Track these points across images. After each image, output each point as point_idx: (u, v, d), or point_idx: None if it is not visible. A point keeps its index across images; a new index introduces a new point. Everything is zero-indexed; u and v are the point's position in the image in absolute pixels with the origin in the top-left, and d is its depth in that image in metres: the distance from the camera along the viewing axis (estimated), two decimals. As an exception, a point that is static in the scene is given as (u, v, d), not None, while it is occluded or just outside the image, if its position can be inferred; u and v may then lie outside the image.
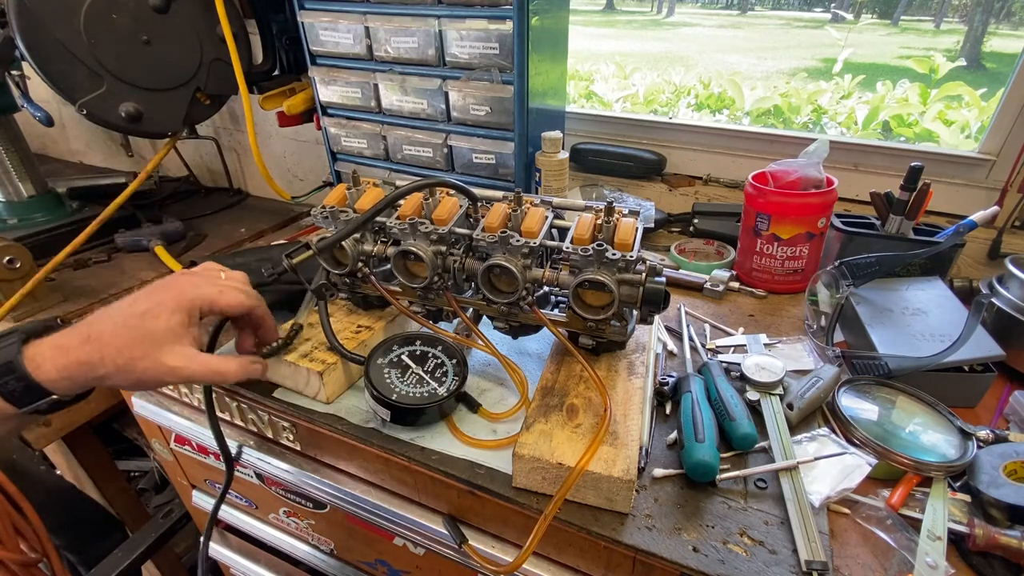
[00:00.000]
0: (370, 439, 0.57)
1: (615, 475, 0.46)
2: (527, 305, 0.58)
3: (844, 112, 1.36)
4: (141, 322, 0.46)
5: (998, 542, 0.45)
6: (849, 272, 0.70)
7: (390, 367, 0.58)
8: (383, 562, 0.75)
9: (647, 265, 0.54)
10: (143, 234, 1.15)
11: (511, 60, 0.86)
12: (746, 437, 0.53)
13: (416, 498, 0.61)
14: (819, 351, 0.68)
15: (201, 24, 1.04)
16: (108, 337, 0.45)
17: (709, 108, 1.49)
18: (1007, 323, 0.67)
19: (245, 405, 0.66)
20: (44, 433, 0.90)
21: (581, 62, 1.59)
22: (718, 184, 1.07)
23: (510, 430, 0.56)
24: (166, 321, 0.46)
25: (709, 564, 0.45)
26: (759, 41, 2.89)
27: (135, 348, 0.45)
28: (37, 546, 0.86)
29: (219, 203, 1.42)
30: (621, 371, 0.59)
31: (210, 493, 0.90)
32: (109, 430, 1.29)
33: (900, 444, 0.54)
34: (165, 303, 0.47)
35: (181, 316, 0.47)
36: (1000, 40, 1.38)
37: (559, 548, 0.53)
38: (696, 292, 0.85)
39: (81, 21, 0.92)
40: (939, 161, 0.93)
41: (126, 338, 0.45)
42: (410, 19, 0.91)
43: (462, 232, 0.59)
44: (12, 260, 0.88)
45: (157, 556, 1.08)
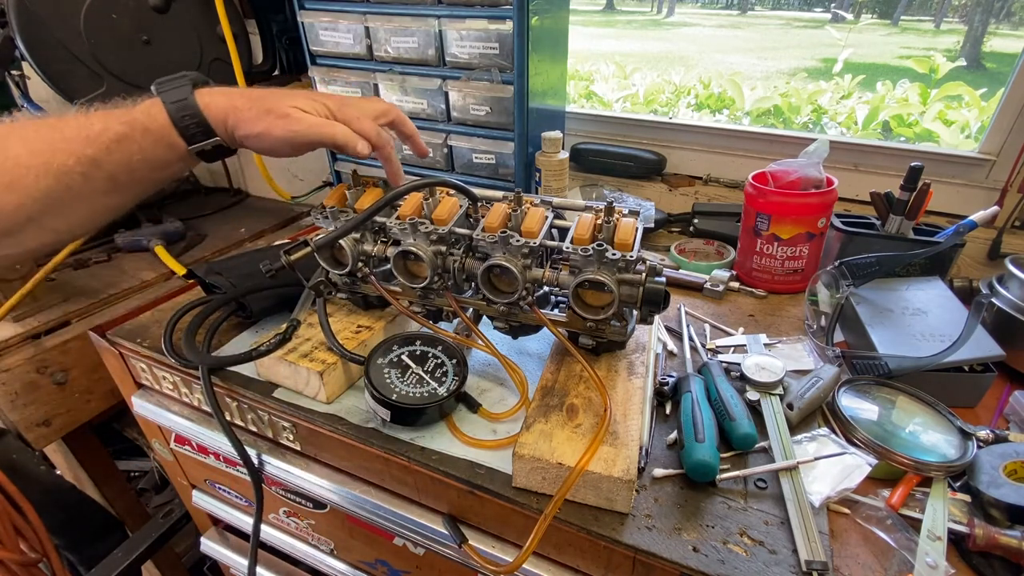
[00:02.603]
0: (370, 439, 0.57)
1: (615, 475, 0.46)
2: (527, 305, 0.58)
3: (844, 112, 1.36)
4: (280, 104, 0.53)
5: (998, 542, 0.45)
6: (849, 272, 0.70)
7: (390, 367, 0.58)
8: (383, 562, 0.75)
9: (647, 265, 0.54)
10: (143, 234, 1.15)
11: (511, 60, 0.86)
12: (746, 437, 0.53)
13: (416, 498, 0.61)
14: (819, 351, 0.68)
15: (201, 24, 1.04)
16: (257, 94, 0.53)
17: (709, 108, 1.49)
18: (1007, 323, 0.67)
19: (245, 405, 0.66)
20: (44, 433, 0.90)
21: (581, 62, 1.59)
22: (718, 184, 1.07)
23: (510, 430, 0.56)
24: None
25: (709, 564, 0.45)
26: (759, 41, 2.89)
27: (275, 104, 0.52)
28: (37, 546, 0.86)
29: (219, 203, 1.42)
30: (621, 371, 0.59)
31: (210, 493, 0.90)
32: (109, 430, 1.29)
33: (900, 444, 0.54)
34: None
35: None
36: (1000, 40, 1.38)
37: (559, 548, 0.53)
38: (696, 292, 0.85)
39: (81, 21, 0.92)
40: (939, 161, 0.93)
41: (271, 100, 0.53)
42: (410, 19, 0.91)
43: (462, 232, 0.59)
44: (12, 260, 0.88)
45: (157, 556, 1.08)
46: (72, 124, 0.47)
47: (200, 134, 0.50)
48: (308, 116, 0.53)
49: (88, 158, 0.46)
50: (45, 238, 0.49)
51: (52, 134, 0.46)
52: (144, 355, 0.73)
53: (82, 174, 0.46)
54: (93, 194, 0.48)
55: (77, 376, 0.92)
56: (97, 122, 0.47)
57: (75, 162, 0.46)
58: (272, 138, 0.52)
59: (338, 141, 0.53)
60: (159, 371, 0.74)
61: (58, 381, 0.90)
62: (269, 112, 0.51)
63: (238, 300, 0.72)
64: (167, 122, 0.49)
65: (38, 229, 0.48)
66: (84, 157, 0.46)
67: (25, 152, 0.45)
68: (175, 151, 0.50)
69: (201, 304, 0.70)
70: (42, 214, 0.47)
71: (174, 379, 0.73)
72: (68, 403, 0.92)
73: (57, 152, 0.46)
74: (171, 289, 0.91)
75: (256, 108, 0.51)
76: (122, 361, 0.78)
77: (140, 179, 0.50)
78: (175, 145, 0.50)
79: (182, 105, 0.49)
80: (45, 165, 0.45)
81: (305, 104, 0.53)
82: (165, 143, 0.49)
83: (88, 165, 0.46)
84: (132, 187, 0.51)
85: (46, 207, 0.46)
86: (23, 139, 0.45)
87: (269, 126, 0.51)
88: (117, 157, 0.48)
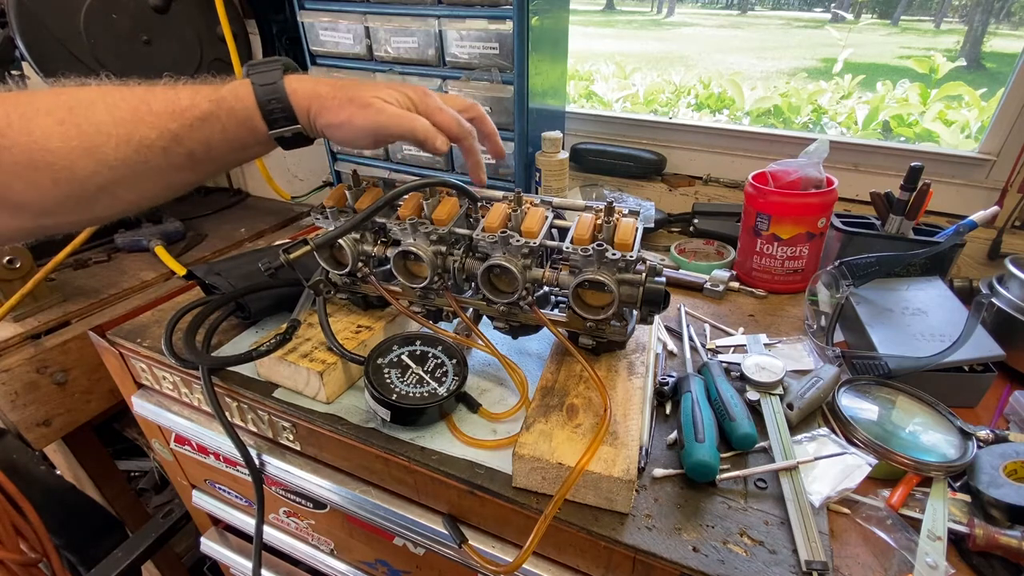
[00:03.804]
0: (370, 439, 0.57)
1: (615, 475, 0.46)
2: (527, 305, 0.58)
3: (844, 112, 1.36)
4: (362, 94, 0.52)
5: (998, 542, 0.45)
6: (849, 272, 0.70)
7: (390, 367, 0.58)
8: (383, 562, 0.75)
9: (647, 265, 0.54)
10: (143, 234, 1.15)
11: (511, 60, 0.86)
12: (746, 437, 0.53)
13: (416, 498, 0.61)
14: (819, 351, 0.68)
15: (201, 24, 1.04)
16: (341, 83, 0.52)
17: (709, 108, 1.49)
18: (1007, 323, 0.67)
19: (245, 405, 0.66)
20: (44, 433, 0.90)
21: (581, 62, 1.59)
22: (718, 184, 1.07)
23: (510, 430, 0.56)
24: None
25: (709, 564, 0.45)
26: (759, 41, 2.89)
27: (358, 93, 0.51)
28: (37, 546, 0.86)
29: (219, 203, 1.42)
30: (621, 371, 0.59)
31: (210, 493, 0.90)
32: (109, 430, 1.29)
33: (900, 444, 0.54)
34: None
35: None
36: (1000, 40, 1.38)
37: (559, 548, 0.53)
38: (696, 292, 0.85)
39: (81, 21, 0.92)
40: (939, 161, 0.93)
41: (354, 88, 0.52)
42: (410, 19, 0.91)
43: (462, 232, 0.59)
44: (12, 260, 0.88)
45: (157, 556, 1.08)
46: (160, 96, 0.46)
47: (283, 119, 0.50)
48: (390, 107, 0.52)
49: (171, 133, 0.46)
50: (114, 208, 0.49)
51: (139, 105, 0.45)
52: (144, 355, 0.73)
53: (163, 148, 0.46)
54: (169, 169, 0.48)
55: (77, 376, 0.92)
56: (185, 97, 0.47)
57: (157, 136, 0.45)
58: (354, 128, 0.51)
59: (418, 135, 0.52)
60: (159, 371, 0.74)
61: (58, 381, 0.90)
62: (352, 101, 0.51)
63: (237, 300, 0.72)
64: (253, 104, 0.49)
65: (109, 198, 0.47)
66: (167, 131, 0.46)
67: (109, 120, 0.44)
68: (255, 135, 0.50)
69: (201, 305, 0.70)
70: (115, 184, 0.46)
71: (174, 379, 0.73)
72: (68, 403, 0.92)
73: (141, 124, 0.45)
74: (171, 289, 0.91)
75: (339, 97, 0.51)
76: (122, 361, 0.78)
77: (216, 158, 0.50)
78: (256, 129, 0.50)
79: (271, 89, 0.49)
80: (127, 135, 0.45)
81: (388, 94, 0.52)
82: (247, 126, 0.49)
83: (169, 140, 0.46)
84: (207, 165, 0.50)
85: (121, 177, 0.46)
86: (109, 107, 0.45)
87: (351, 115, 0.50)
88: (199, 135, 0.47)
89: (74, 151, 0.43)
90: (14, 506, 0.84)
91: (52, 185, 0.44)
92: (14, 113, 0.42)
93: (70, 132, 0.43)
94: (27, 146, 0.42)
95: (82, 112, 0.44)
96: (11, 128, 0.42)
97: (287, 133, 0.51)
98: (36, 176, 0.43)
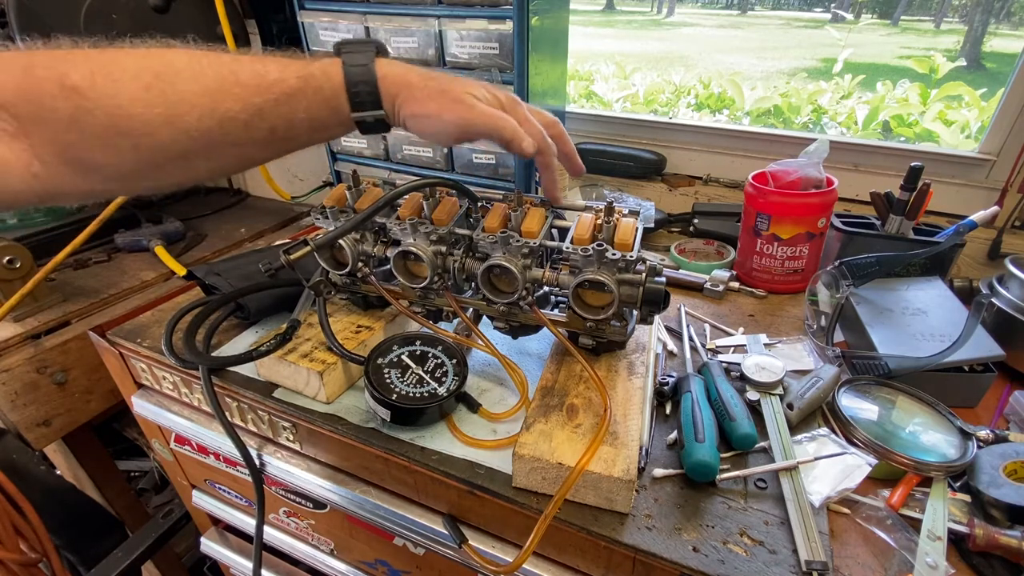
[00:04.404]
0: (370, 439, 0.57)
1: (615, 475, 0.46)
2: (527, 305, 0.58)
3: (844, 112, 1.36)
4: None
5: (998, 542, 0.45)
6: (849, 272, 0.70)
7: (390, 367, 0.58)
8: (383, 562, 0.75)
9: (647, 265, 0.54)
10: (143, 234, 1.15)
11: (511, 60, 0.86)
12: (746, 437, 0.53)
13: (416, 498, 0.61)
14: (819, 351, 0.68)
15: (201, 24, 1.04)
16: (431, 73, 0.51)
17: (709, 108, 1.49)
18: (1007, 323, 0.67)
19: (245, 405, 0.66)
20: (44, 433, 0.90)
21: (581, 62, 1.59)
22: (718, 184, 1.07)
23: (510, 430, 0.56)
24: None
25: (709, 564, 0.45)
26: (759, 41, 2.89)
27: (449, 86, 0.50)
28: (37, 546, 0.86)
29: (219, 203, 1.42)
30: (621, 371, 0.59)
31: (210, 493, 0.90)
32: (109, 430, 1.29)
33: (900, 444, 0.54)
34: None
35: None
36: (1000, 40, 1.38)
37: (559, 548, 0.53)
38: (696, 292, 0.85)
39: (81, 21, 0.92)
40: (939, 161, 0.93)
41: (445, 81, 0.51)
42: (410, 19, 0.91)
43: (462, 232, 0.59)
44: (12, 260, 0.88)
45: (157, 556, 1.08)
46: (248, 68, 0.45)
47: (369, 103, 0.49)
48: (481, 104, 0.50)
49: (255, 107, 0.45)
50: (186, 176, 0.48)
51: (227, 75, 0.44)
52: (144, 355, 0.73)
53: (245, 122, 0.45)
54: (248, 143, 0.47)
55: (77, 376, 0.92)
56: (274, 71, 0.46)
57: (241, 108, 0.44)
58: (442, 121, 0.49)
59: (506, 135, 0.51)
60: (159, 371, 0.74)
61: (58, 381, 0.90)
62: (443, 94, 0.49)
63: (236, 301, 0.72)
64: (341, 84, 0.47)
65: (184, 167, 0.46)
66: (251, 105, 0.45)
67: (196, 89, 0.43)
68: (338, 116, 0.49)
69: (200, 306, 0.70)
70: (194, 154, 0.45)
71: (174, 379, 0.73)
72: (68, 403, 0.92)
73: (227, 95, 0.44)
74: (171, 289, 0.91)
75: (430, 88, 0.49)
76: (122, 361, 0.78)
77: (295, 136, 0.49)
78: (340, 110, 0.48)
79: (362, 71, 0.48)
80: (212, 107, 0.43)
81: (479, 92, 0.51)
82: (331, 105, 0.48)
83: (253, 114, 0.45)
84: (285, 143, 0.49)
85: (200, 148, 0.45)
86: (196, 75, 0.43)
87: (441, 108, 0.49)
88: (283, 111, 0.46)
89: (157, 118, 0.42)
90: (14, 506, 0.84)
91: (131, 151, 0.43)
92: (100, 74, 0.41)
93: (155, 99, 0.42)
94: (111, 110, 0.41)
95: (169, 79, 0.42)
96: (95, 90, 0.40)
97: (369, 118, 0.49)
98: (116, 140, 0.42)
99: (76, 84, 0.40)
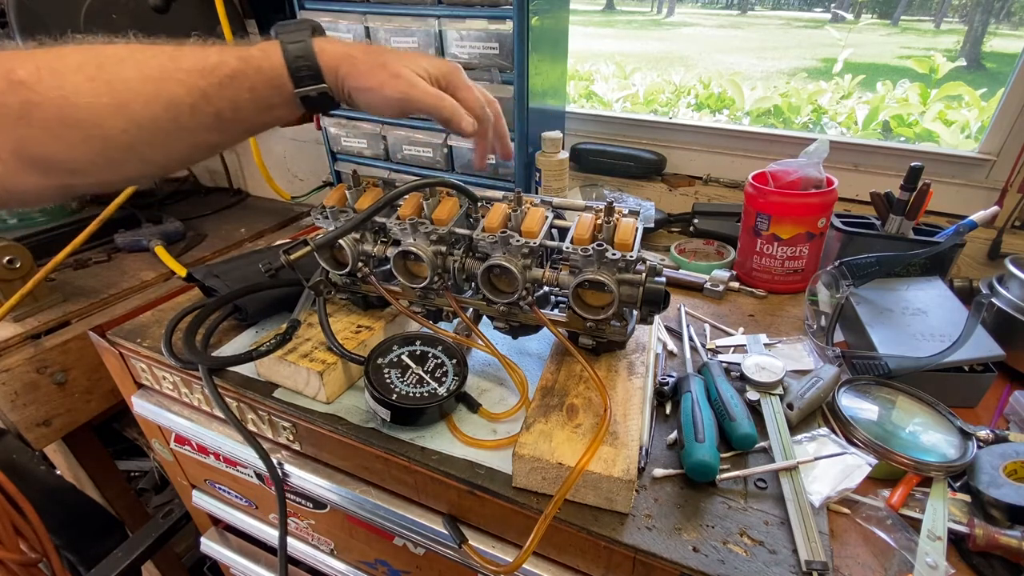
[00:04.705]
0: (370, 439, 0.57)
1: (615, 475, 0.46)
2: (527, 305, 0.58)
3: (844, 112, 1.36)
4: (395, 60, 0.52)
5: (998, 542, 0.45)
6: (849, 272, 0.70)
7: (390, 367, 0.58)
8: (383, 562, 0.75)
9: (647, 265, 0.54)
10: (143, 234, 1.15)
11: (511, 60, 0.86)
12: (746, 437, 0.53)
13: (416, 498, 0.61)
14: (819, 351, 0.68)
15: (201, 24, 1.04)
16: (373, 48, 0.53)
17: (709, 108, 1.49)
18: (1007, 323, 0.67)
19: (245, 405, 0.66)
20: (44, 433, 0.90)
21: (581, 62, 1.59)
22: (718, 184, 1.07)
23: (510, 430, 0.56)
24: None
25: (709, 564, 0.45)
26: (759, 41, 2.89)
27: (390, 59, 0.51)
28: (37, 546, 0.86)
29: (219, 203, 1.42)
30: (621, 371, 0.59)
31: (210, 493, 0.90)
32: (109, 430, 1.29)
33: (900, 444, 0.54)
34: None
35: None
36: (1000, 40, 1.38)
37: (559, 548, 0.53)
38: (696, 292, 0.85)
39: (81, 21, 0.92)
40: (939, 161, 0.93)
41: (386, 55, 0.52)
42: (410, 19, 0.91)
43: (462, 232, 0.59)
44: (12, 260, 0.88)
45: (157, 556, 1.08)
46: (189, 55, 0.46)
47: (309, 78, 0.49)
48: (421, 81, 0.51)
49: (199, 90, 0.46)
50: (142, 169, 0.49)
51: (168, 62, 0.45)
52: (144, 355, 0.73)
53: (191, 106, 0.46)
54: (197, 129, 0.47)
55: (77, 376, 0.92)
56: (213, 55, 0.47)
57: (186, 92, 0.45)
58: (382, 96, 0.51)
59: (444, 114, 0.52)
60: (159, 371, 0.74)
61: (58, 381, 0.90)
62: (383, 67, 0.50)
63: (234, 303, 0.72)
64: (281, 62, 0.48)
65: (137, 158, 0.47)
66: (196, 89, 0.45)
67: (138, 76, 0.44)
68: (282, 94, 0.50)
69: (197, 309, 0.70)
70: (144, 144, 0.46)
71: (174, 379, 0.73)
72: (68, 403, 0.92)
73: (170, 80, 0.45)
74: (171, 289, 0.91)
75: (370, 61, 0.50)
76: (122, 361, 0.78)
77: (243, 119, 0.50)
78: (283, 87, 0.49)
79: (299, 47, 0.49)
80: (156, 92, 0.44)
81: (418, 66, 0.52)
82: (274, 84, 0.49)
83: (198, 97, 0.46)
84: (234, 126, 0.50)
85: (150, 136, 0.46)
86: (138, 63, 0.44)
87: (382, 83, 0.50)
88: (228, 93, 0.47)
89: (104, 108, 0.43)
90: (14, 506, 0.84)
91: (82, 142, 0.43)
92: (44, 68, 0.42)
93: (100, 88, 0.43)
94: (57, 102, 0.42)
95: (112, 68, 0.43)
96: (41, 83, 0.41)
97: (313, 92, 0.50)
98: (66, 133, 0.43)
99: (23, 79, 0.41)
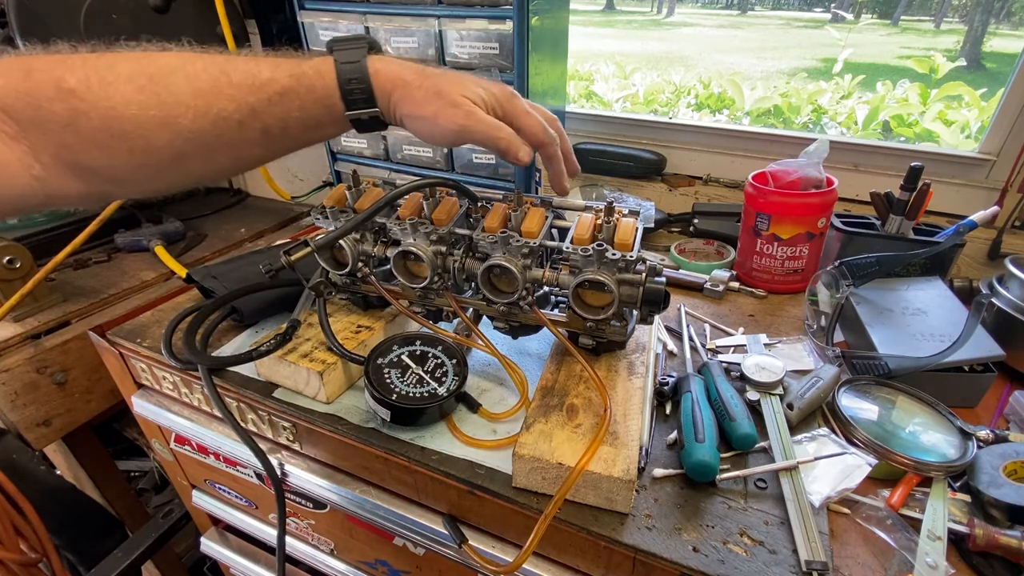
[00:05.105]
0: (370, 439, 0.57)
1: (615, 475, 0.46)
2: (527, 305, 0.58)
3: (844, 112, 1.36)
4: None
5: (998, 542, 0.45)
6: (849, 272, 0.70)
7: (390, 367, 0.58)
8: (383, 562, 0.75)
9: (647, 265, 0.54)
10: (143, 234, 1.15)
11: (511, 60, 0.86)
12: (746, 437, 0.53)
13: (416, 498, 0.61)
14: (819, 351, 0.68)
15: (201, 24, 1.04)
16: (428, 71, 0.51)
17: (709, 108, 1.49)
18: (1007, 323, 0.67)
19: (245, 405, 0.66)
20: (44, 433, 0.90)
21: (581, 62, 1.59)
22: (718, 184, 1.07)
23: (510, 430, 0.56)
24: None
25: (709, 564, 0.45)
26: (759, 41, 2.89)
27: (446, 87, 0.50)
28: (37, 546, 0.86)
29: (219, 203, 1.42)
30: (621, 371, 0.59)
31: (210, 493, 0.90)
32: (109, 430, 1.29)
33: (900, 444, 0.54)
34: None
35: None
36: (1000, 40, 1.38)
37: (559, 548, 0.53)
38: (696, 292, 0.85)
39: (81, 21, 0.92)
40: (939, 161, 0.93)
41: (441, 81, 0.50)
42: (410, 19, 0.91)
43: (462, 232, 0.59)
44: (12, 260, 0.88)
45: (157, 556, 1.08)
46: (241, 68, 0.45)
47: (361, 101, 0.48)
48: (479, 111, 0.50)
49: (249, 107, 0.45)
50: (182, 179, 0.48)
51: (220, 76, 0.44)
52: (144, 355, 0.73)
53: (239, 122, 0.45)
54: (243, 143, 0.47)
55: (77, 376, 0.92)
56: (266, 70, 0.46)
57: (235, 108, 0.45)
58: (438, 125, 0.49)
59: (502, 146, 0.51)
60: (159, 371, 0.74)
61: (58, 381, 0.90)
62: (439, 95, 0.48)
63: (231, 304, 0.71)
64: (334, 83, 0.47)
65: (180, 169, 0.46)
66: (245, 105, 0.45)
67: (188, 90, 0.43)
68: (332, 114, 0.49)
69: (194, 311, 0.70)
70: (188, 156, 0.45)
71: (174, 379, 0.73)
72: (68, 403, 0.92)
73: (220, 96, 0.44)
74: (171, 289, 0.91)
75: (426, 87, 0.49)
76: (122, 361, 0.78)
77: (290, 135, 0.49)
78: (334, 108, 0.48)
79: (353, 68, 0.47)
80: (205, 107, 0.44)
81: (475, 94, 0.50)
82: (325, 104, 0.48)
83: (246, 114, 0.45)
84: (281, 142, 0.49)
85: (194, 149, 0.45)
86: (189, 76, 0.44)
87: (438, 112, 0.48)
88: (277, 110, 0.46)
89: (151, 120, 0.42)
90: (14, 506, 0.84)
91: (126, 153, 0.43)
92: (94, 77, 0.41)
93: (149, 101, 0.42)
94: (105, 112, 0.41)
95: (162, 80, 0.43)
96: (91, 92, 0.41)
97: (364, 116, 0.49)
98: (111, 143, 0.42)
99: (72, 87, 0.40)
